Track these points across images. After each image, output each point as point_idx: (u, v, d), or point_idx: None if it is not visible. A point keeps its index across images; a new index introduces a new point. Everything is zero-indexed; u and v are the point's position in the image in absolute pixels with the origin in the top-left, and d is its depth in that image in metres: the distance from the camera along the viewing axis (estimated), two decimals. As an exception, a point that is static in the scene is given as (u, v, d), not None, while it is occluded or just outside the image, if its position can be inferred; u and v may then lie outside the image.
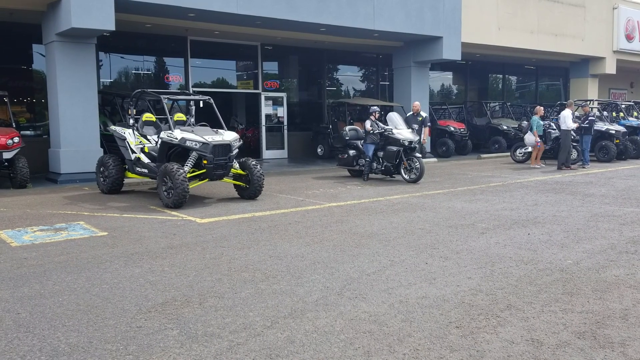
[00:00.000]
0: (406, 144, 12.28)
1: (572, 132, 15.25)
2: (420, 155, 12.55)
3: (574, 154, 16.03)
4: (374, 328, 4.07)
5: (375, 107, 13.23)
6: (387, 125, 12.82)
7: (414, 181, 12.26)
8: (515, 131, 20.18)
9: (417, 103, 15.04)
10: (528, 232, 7.23)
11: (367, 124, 12.78)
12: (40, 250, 6.43)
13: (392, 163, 12.41)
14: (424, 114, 14.72)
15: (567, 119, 15.07)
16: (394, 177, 12.90)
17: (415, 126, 13.63)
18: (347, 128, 13.69)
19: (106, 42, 14.71)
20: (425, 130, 14.73)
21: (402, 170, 12.47)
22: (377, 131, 12.60)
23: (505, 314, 4.32)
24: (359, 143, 13.14)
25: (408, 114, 14.86)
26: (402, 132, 12.55)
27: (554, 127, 16.37)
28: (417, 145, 12.59)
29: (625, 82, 30.70)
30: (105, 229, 7.53)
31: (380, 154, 12.69)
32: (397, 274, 5.41)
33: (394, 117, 13.03)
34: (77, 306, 4.55)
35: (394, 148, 12.33)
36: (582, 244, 6.56)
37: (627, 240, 6.77)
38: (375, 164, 12.81)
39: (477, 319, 4.23)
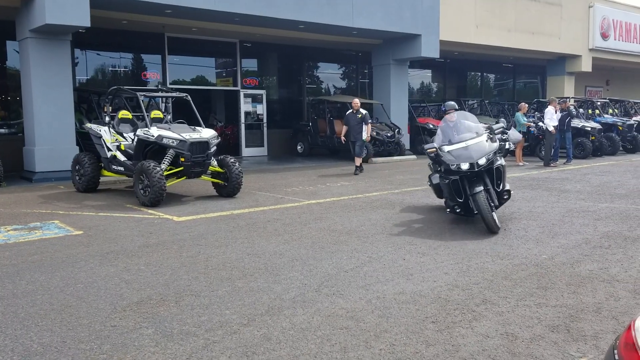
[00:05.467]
0: (463, 169, 7.01)
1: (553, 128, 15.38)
2: (480, 190, 6.90)
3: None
4: (350, 324, 4.07)
5: (451, 102, 8.42)
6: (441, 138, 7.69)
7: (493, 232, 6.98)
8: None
9: (357, 100, 14.07)
10: (504, 227, 7.30)
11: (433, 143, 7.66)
12: (13, 249, 6.32)
13: (455, 202, 7.30)
14: (363, 111, 13.90)
15: (546, 116, 15.22)
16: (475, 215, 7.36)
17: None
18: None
19: (82, 39, 14.49)
20: (367, 128, 13.71)
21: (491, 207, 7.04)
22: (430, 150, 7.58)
23: (481, 309, 4.36)
24: None
25: (348, 112, 14.08)
26: (455, 149, 7.22)
27: (537, 125, 16.51)
28: (486, 167, 7.09)
29: (601, 80, 31.16)
30: (81, 228, 7.43)
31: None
32: (374, 270, 5.42)
33: (447, 128, 7.78)
34: (50, 306, 4.48)
35: (449, 178, 7.27)
36: (557, 239, 6.65)
37: (601, 235, 6.87)
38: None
39: (452, 314, 4.25)
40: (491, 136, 7.41)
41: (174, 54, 17.12)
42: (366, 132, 13.69)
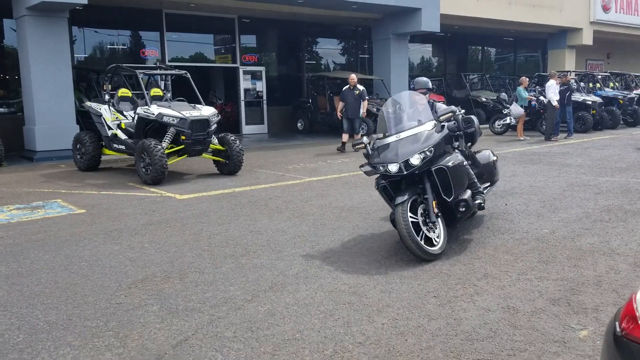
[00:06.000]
0: (391, 171, 5.09)
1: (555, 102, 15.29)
2: (402, 201, 4.98)
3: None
4: (353, 299, 4.11)
5: (422, 79, 6.74)
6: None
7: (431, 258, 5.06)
8: (494, 103, 20.28)
9: (353, 75, 13.86)
10: (505, 202, 7.32)
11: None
12: (17, 229, 6.35)
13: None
14: (360, 87, 13.69)
15: (549, 90, 15.14)
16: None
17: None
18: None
19: (79, 16, 14.33)
20: (364, 104, 13.59)
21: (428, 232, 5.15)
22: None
23: (482, 283, 4.40)
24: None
25: (344, 88, 13.83)
26: (383, 145, 5.32)
27: (539, 99, 16.45)
28: (423, 168, 5.14)
29: (602, 53, 30.90)
30: (83, 207, 7.45)
31: None
32: (377, 246, 5.45)
33: (387, 113, 5.63)
34: (55, 284, 4.53)
35: (379, 184, 5.42)
36: (558, 213, 6.67)
37: (601, 209, 6.89)
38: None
39: (454, 288, 4.29)
40: (436, 124, 5.36)
41: (172, 31, 16.95)
42: (363, 108, 13.61)
